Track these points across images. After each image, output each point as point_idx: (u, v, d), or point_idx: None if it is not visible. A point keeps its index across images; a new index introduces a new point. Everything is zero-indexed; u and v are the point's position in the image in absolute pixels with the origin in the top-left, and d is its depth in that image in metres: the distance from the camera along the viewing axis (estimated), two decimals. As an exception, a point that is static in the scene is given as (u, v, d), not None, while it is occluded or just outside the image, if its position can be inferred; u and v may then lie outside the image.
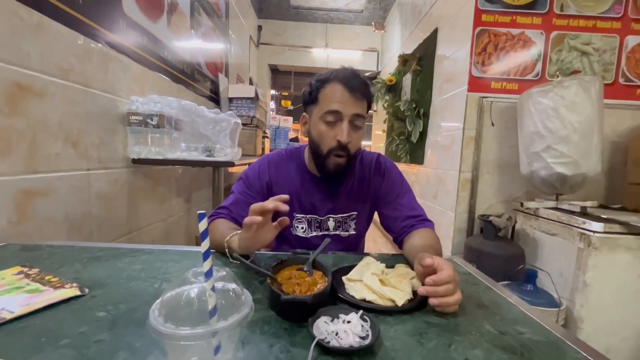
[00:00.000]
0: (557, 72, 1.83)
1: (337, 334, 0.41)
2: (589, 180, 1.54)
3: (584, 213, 1.50)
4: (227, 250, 0.67)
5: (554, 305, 1.42)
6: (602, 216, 1.43)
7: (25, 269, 0.59)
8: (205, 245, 0.29)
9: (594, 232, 1.35)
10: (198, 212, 0.29)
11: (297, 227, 0.89)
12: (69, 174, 0.99)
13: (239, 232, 0.65)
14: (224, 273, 0.31)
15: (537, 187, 1.67)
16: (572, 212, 1.52)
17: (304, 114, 0.86)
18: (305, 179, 0.89)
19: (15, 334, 0.40)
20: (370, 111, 0.83)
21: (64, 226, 0.97)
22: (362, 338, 0.41)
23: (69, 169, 0.99)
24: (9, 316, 0.43)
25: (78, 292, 0.51)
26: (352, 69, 0.80)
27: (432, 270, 0.52)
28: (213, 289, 0.29)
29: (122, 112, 1.22)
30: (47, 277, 0.55)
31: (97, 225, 1.11)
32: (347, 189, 0.89)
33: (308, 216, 0.89)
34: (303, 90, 0.84)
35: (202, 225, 0.29)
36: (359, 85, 0.76)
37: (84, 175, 1.05)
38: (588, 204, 1.63)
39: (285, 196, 0.59)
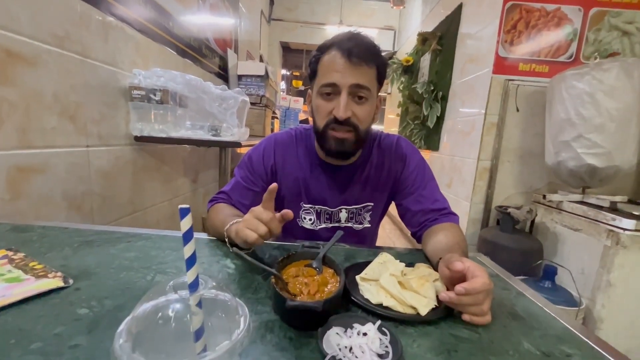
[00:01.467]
0: (595, 54, 1.67)
1: (351, 349, 0.35)
2: (621, 173, 1.42)
3: (613, 209, 1.39)
4: (226, 239, 0.61)
5: (573, 304, 1.34)
6: (633, 213, 1.32)
7: (10, 253, 0.54)
8: (189, 249, 0.23)
9: (624, 229, 1.25)
10: (179, 206, 0.23)
11: (305, 218, 0.81)
12: (67, 150, 0.93)
13: (239, 220, 0.58)
14: (214, 283, 0.25)
15: (563, 179, 1.56)
16: (600, 207, 1.41)
17: (309, 90, 0.76)
18: (315, 166, 0.79)
19: (-16, 333, 0.35)
20: (382, 94, 0.71)
21: (62, 205, 0.93)
22: (381, 356, 0.35)
23: (67, 145, 0.93)
24: (-20, 310, 0.38)
25: (61, 284, 0.45)
26: (356, 33, 0.68)
27: (462, 276, 0.45)
28: (199, 304, 0.23)
29: (123, 86, 1.15)
30: (31, 264, 0.50)
31: (98, 205, 1.07)
32: (363, 177, 0.80)
33: (317, 207, 0.81)
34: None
35: (185, 223, 0.23)
36: (358, 48, 0.64)
37: (83, 151, 0.99)
38: (617, 198, 1.52)
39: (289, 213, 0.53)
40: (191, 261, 0.23)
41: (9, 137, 0.76)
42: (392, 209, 0.88)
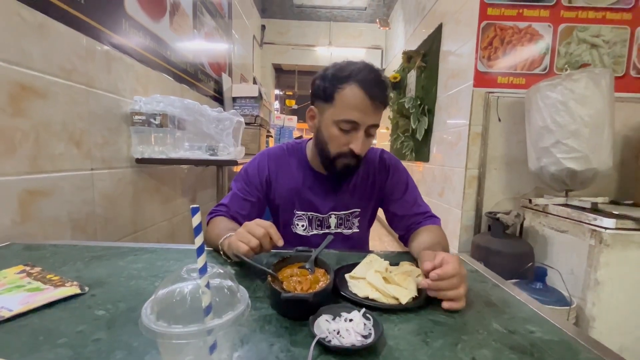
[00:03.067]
0: (566, 66, 1.79)
1: (338, 332, 0.40)
2: (599, 175, 1.50)
3: (594, 209, 1.46)
4: (221, 253, 0.66)
5: (565, 303, 1.38)
6: (613, 212, 1.39)
7: (28, 268, 0.59)
8: (199, 240, 0.28)
9: (606, 228, 1.31)
10: (191, 206, 0.29)
11: (297, 224, 0.86)
12: (73, 173, 0.99)
13: (232, 234, 0.63)
14: (220, 270, 0.30)
15: (547, 183, 1.64)
16: (583, 209, 1.48)
17: (312, 107, 0.79)
18: (307, 176, 0.86)
19: (14, 333, 0.40)
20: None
21: (68, 226, 0.97)
22: (365, 337, 0.40)
23: (73, 169, 0.99)
24: (7, 314, 0.43)
25: (78, 291, 0.50)
26: (374, 69, 0.73)
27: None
28: (208, 285, 0.28)
29: (125, 112, 1.22)
30: (48, 276, 0.55)
31: (101, 225, 1.12)
32: (351, 186, 0.87)
33: (309, 214, 0.86)
34: (314, 81, 0.76)
35: (196, 219, 0.28)
36: (381, 92, 0.70)
37: (88, 175, 1.05)
38: (599, 200, 1.59)
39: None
40: (200, 250, 0.28)
41: (21, 163, 0.82)
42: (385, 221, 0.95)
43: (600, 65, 1.82)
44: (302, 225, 0.86)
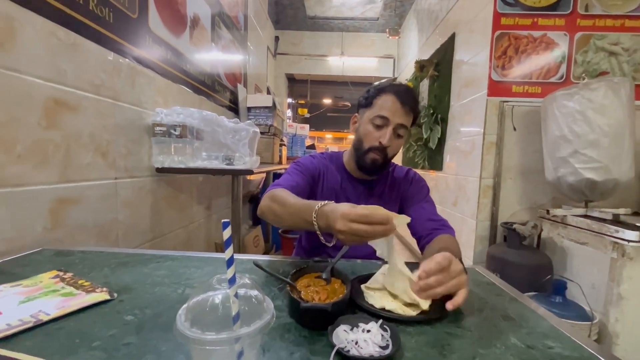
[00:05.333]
0: (583, 74, 1.77)
1: (356, 343, 0.41)
2: (621, 186, 1.46)
3: (616, 221, 1.42)
4: (314, 217, 0.60)
5: (586, 318, 1.34)
6: (636, 224, 1.35)
7: (61, 273, 0.62)
8: (229, 252, 0.30)
9: (629, 241, 1.27)
10: (222, 220, 0.31)
11: None
12: (99, 182, 1.04)
13: (328, 202, 0.60)
14: (247, 280, 0.32)
15: (565, 193, 1.60)
16: (604, 220, 1.44)
17: (356, 114, 0.98)
18: (344, 178, 0.99)
19: (52, 335, 0.43)
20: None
21: (93, 232, 1.02)
22: (383, 348, 0.40)
23: (99, 178, 1.04)
24: (45, 318, 0.46)
25: (107, 297, 0.53)
26: (407, 85, 0.92)
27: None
28: (236, 295, 0.30)
29: (147, 124, 1.28)
30: (80, 282, 0.58)
31: (123, 232, 1.16)
32: (379, 192, 0.99)
33: None
34: (360, 97, 0.96)
35: (226, 233, 0.30)
36: (409, 99, 0.87)
37: (112, 183, 1.10)
38: (621, 211, 1.54)
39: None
40: (230, 261, 0.30)
41: (52, 173, 0.87)
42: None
43: (620, 73, 1.78)
44: None
